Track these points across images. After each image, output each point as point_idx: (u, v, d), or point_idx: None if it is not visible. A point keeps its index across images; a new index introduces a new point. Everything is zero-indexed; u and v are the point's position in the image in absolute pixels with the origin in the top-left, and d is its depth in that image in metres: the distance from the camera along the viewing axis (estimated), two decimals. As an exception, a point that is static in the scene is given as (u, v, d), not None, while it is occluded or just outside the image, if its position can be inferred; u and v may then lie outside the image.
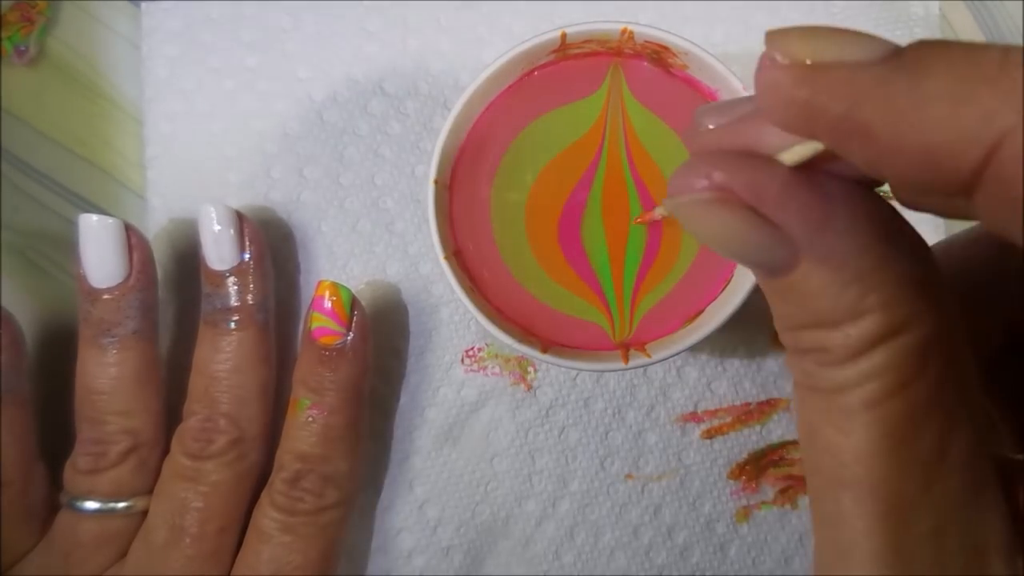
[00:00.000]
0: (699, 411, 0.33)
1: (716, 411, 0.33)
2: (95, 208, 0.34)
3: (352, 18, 0.33)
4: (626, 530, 0.32)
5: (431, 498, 0.32)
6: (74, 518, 0.28)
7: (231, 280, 0.29)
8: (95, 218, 0.28)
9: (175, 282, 0.33)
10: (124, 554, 0.29)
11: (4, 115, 0.33)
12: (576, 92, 0.28)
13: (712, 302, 0.27)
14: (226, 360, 0.29)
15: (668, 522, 0.33)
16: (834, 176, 0.15)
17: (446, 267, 0.26)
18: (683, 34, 0.26)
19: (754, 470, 0.33)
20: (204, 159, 0.33)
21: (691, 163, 0.15)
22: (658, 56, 0.27)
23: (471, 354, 0.32)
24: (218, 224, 0.29)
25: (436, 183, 0.27)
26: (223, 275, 0.29)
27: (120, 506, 0.28)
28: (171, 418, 0.30)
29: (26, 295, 0.33)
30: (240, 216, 0.29)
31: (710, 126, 0.16)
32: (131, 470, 0.28)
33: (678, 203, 0.15)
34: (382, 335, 0.32)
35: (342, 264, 0.33)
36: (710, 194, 0.15)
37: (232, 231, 0.29)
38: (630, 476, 0.32)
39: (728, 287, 0.27)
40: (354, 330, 0.29)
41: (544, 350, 0.27)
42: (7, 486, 0.28)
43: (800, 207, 0.14)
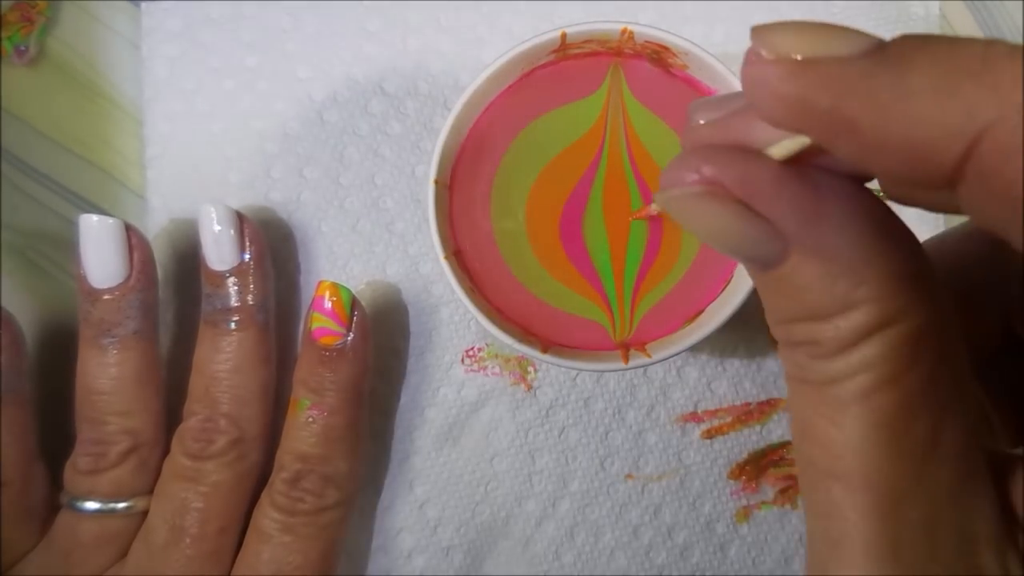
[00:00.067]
0: (699, 411, 0.33)
1: (716, 411, 0.33)
2: (95, 208, 0.34)
3: (352, 18, 0.33)
4: (626, 530, 0.32)
5: (431, 498, 0.32)
6: (74, 518, 0.28)
7: (231, 280, 0.29)
8: (95, 218, 0.28)
9: (175, 282, 0.33)
10: (124, 554, 0.29)
11: (4, 115, 0.33)
12: (576, 92, 0.28)
13: (712, 302, 0.27)
14: (226, 360, 0.29)
15: (668, 522, 0.33)
16: (824, 171, 0.15)
17: (446, 267, 0.26)
18: (683, 34, 0.26)
19: (754, 470, 0.33)
20: (204, 159, 0.33)
21: (682, 157, 0.15)
22: (658, 56, 0.27)
23: (471, 354, 0.32)
24: (218, 224, 0.29)
25: (436, 183, 0.27)
26: (223, 275, 0.29)
27: (120, 506, 0.28)
28: (171, 418, 0.30)
29: (26, 295, 0.33)
30: (240, 216, 0.29)
31: (701, 121, 0.16)
32: (131, 470, 0.28)
33: (669, 196, 0.15)
34: (382, 335, 0.32)
35: (342, 264, 0.33)
36: (700, 188, 0.15)
37: (232, 231, 0.29)
38: (630, 476, 0.33)
39: (728, 287, 0.27)
40: (354, 330, 0.29)
41: (544, 350, 0.27)
42: (7, 486, 0.28)
43: (790, 200, 0.14)
